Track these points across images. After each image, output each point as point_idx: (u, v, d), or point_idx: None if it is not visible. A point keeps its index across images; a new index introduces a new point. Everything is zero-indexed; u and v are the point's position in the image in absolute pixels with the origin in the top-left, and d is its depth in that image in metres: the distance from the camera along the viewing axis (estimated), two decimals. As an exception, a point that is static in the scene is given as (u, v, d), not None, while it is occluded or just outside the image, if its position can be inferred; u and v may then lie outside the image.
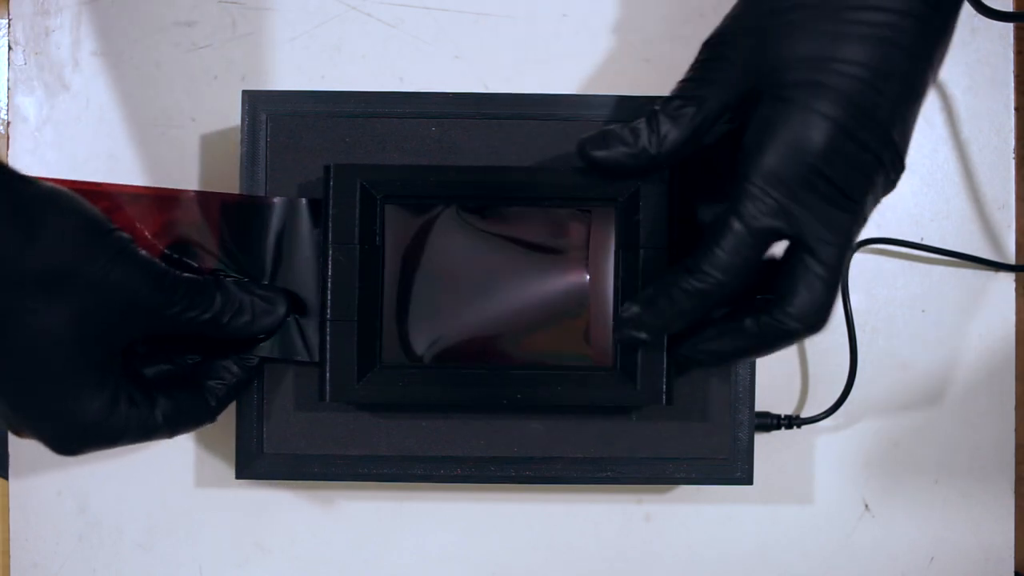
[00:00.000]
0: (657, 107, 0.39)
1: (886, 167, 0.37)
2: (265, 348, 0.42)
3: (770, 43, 0.36)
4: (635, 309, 0.39)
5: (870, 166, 0.36)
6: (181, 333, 0.39)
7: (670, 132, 0.38)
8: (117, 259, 0.35)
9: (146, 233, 0.40)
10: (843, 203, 0.36)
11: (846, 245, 0.37)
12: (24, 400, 0.35)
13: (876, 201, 0.38)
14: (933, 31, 0.36)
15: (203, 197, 0.42)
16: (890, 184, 0.38)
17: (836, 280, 0.37)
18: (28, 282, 0.33)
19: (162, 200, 0.41)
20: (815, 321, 0.37)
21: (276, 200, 0.43)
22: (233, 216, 0.42)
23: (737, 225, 0.36)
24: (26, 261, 0.33)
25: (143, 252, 0.37)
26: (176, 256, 0.41)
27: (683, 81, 0.39)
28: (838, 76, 0.35)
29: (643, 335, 0.39)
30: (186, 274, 0.39)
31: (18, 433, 0.37)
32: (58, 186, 0.35)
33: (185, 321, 0.38)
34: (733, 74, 0.37)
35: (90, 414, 0.36)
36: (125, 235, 0.36)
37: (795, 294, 0.37)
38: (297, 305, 0.43)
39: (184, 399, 0.40)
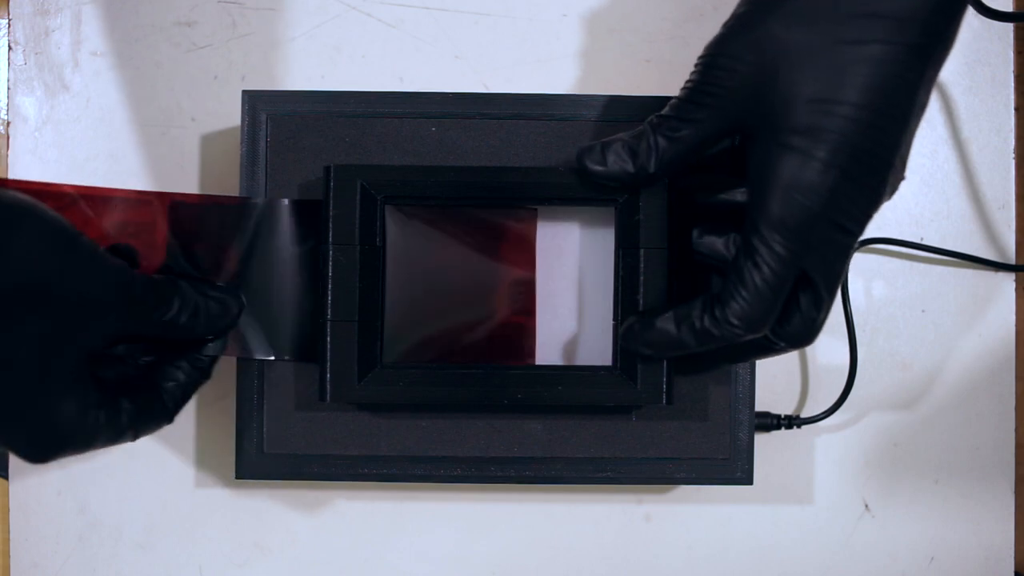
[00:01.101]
0: (654, 121, 0.39)
1: (888, 190, 0.37)
2: (214, 347, 0.42)
3: (770, 78, 0.36)
4: (647, 331, 0.39)
5: (872, 199, 0.36)
6: (139, 334, 0.39)
7: (667, 152, 0.38)
8: (87, 267, 0.35)
9: (95, 232, 0.40)
10: (843, 236, 0.36)
11: (842, 271, 0.37)
12: None
13: (869, 219, 0.38)
14: (935, 59, 0.36)
15: (152, 197, 0.41)
16: (889, 197, 0.38)
17: (830, 305, 0.38)
18: None
19: (110, 200, 0.40)
20: (805, 341, 0.39)
21: (243, 200, 0.43)
22: (184, 217, 0.42)
23: (756, 278, 0.36)
24: None
25: (110, 256, 0.36)
26: (125, 251, 0.41)
27: (680, 99, 0.38)
28: (840, 120, 0.35)
29: (648, 352, 0.40)
30: (149, 275, 0.38)
31: None
32: (21, 195, 0.34)
33: (147, 323, 0.38)
34: (731, 102, 0.37)
35: (64, 420, 0.35)
36: (91, 241, 0.36)
37: (790, 321, 0.38)
38: (253, 304, 0.43)
39: (143, 401, 0.39)
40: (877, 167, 0.35)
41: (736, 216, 0.39)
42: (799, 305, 0.38)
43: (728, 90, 0.37)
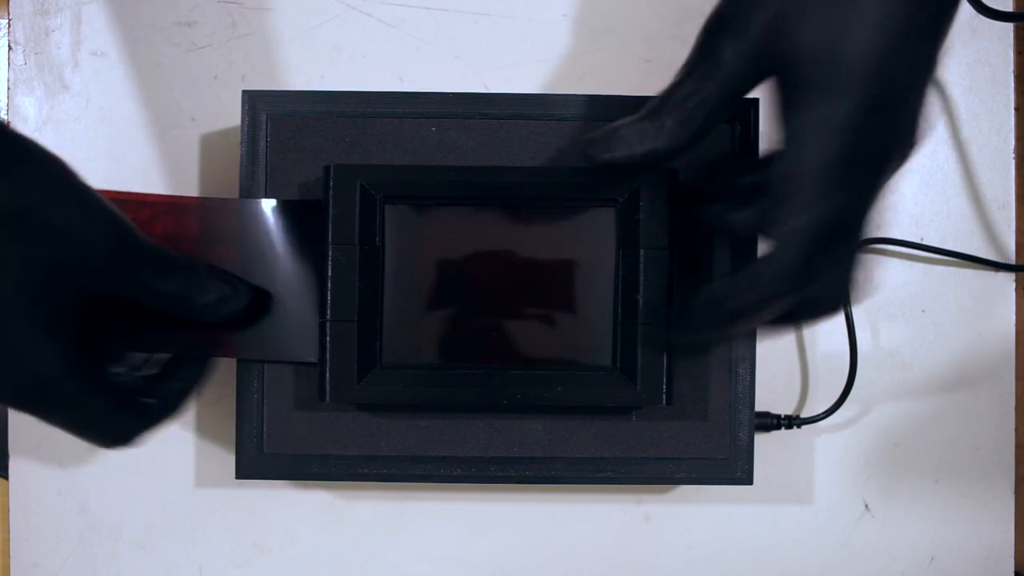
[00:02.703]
0: (661, 97, 0.38)
1: (901, 142, 0.36)
2: (241, 349, 0.42)
3: (781, 29, 0.35)
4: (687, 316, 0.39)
5: (887, 146, 0.36)
6: (147, 303, 0.39)
7: (676, 128, 0.37)
8: (80, 206, 0.35)
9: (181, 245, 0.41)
10: (870, 177, 0.36)
11: (867, 215, 0.37)
12: None
13: (889, 178, 0.37)
14: (939, 15, 0.35)
15: (185, 201, 0.42)
16: (904, 158, 0.37)
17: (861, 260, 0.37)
18: None
19: (135, 203, 0.41)
20: (837, 301, 0.38)
21: (250, 202, 0.43)
22: (212, 220, 0.42)
23: (793, 221, 0.35)
24: None
25: (111, 206, 0.37)
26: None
27: (687, 67, 0.38)
28: (849, 68, 0.34)
29: (704, 336, 0.40)
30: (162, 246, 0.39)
31: None
32: (29, 137, 0.35)
33: (152, 291, 0.38)
34: (744, 52, 0.36)
35: (45, 369, 0.36)
36: (90, 186, 0.36)
37: (825, 275, 0.37)
38: (267, 303, 0.43)
39: (161, 393, 0.40)
40: (889, 112, 0.35)
41: (747, 195, 0.39)
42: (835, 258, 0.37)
43: (742, 42, 0.36)
